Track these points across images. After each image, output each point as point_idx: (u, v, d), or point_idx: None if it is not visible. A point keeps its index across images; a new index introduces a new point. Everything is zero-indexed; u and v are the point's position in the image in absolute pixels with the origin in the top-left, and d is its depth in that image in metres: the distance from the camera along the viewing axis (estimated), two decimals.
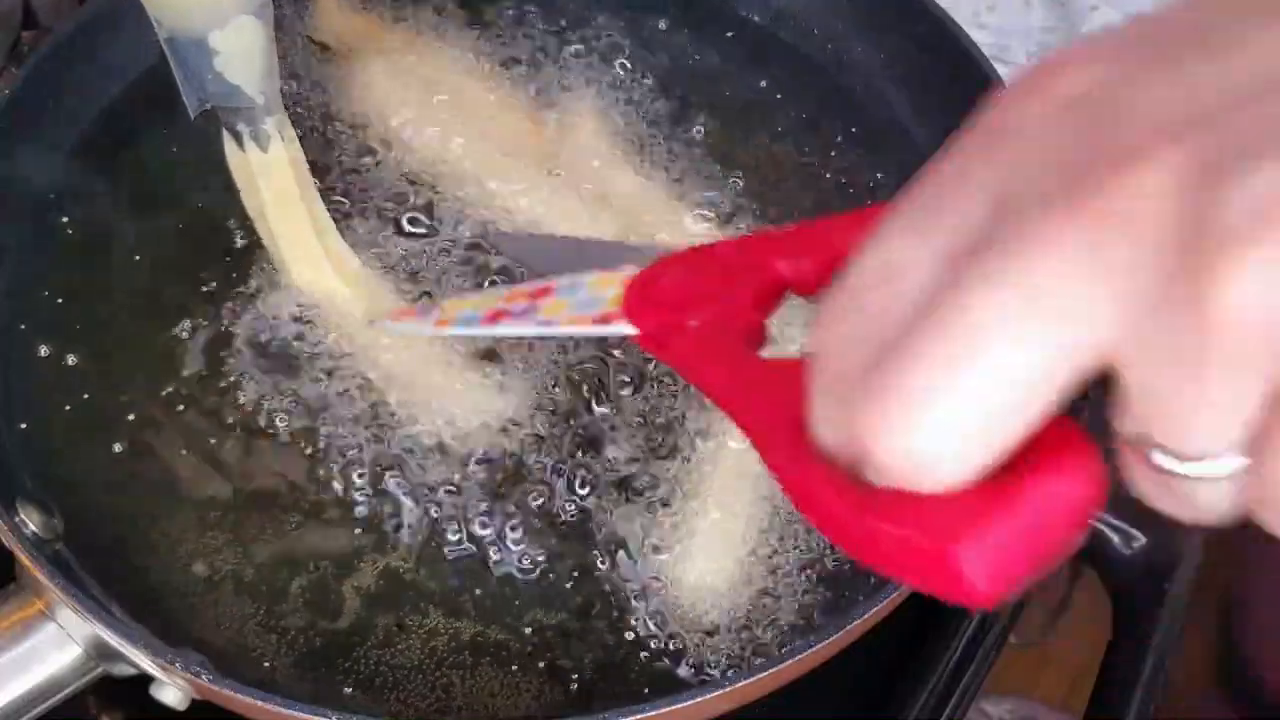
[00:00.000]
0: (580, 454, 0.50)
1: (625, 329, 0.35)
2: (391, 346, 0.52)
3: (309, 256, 0.53)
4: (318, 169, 0.55)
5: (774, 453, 0.27)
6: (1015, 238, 0.22)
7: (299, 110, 0.58)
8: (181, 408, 0.51)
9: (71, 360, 0.52)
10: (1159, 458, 0.22)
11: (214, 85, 0.49)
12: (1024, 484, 0.23)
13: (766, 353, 0.31)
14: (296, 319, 0.52)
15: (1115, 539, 0.55)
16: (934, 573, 0.23)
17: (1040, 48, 0.67)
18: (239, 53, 0.49)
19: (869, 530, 0.24)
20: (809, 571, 0.48)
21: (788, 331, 0.48)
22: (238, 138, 0.51)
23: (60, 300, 0.53)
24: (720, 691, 0.41)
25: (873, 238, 0.24)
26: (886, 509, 0.24)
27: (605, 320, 0.36)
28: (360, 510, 0.49)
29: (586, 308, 0.37)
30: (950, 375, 0.22)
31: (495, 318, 0.41)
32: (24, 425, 0.50)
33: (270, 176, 0.52)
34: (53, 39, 0.55)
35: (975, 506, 0.23)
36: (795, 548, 0.49)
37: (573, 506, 0.49)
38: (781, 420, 0.27)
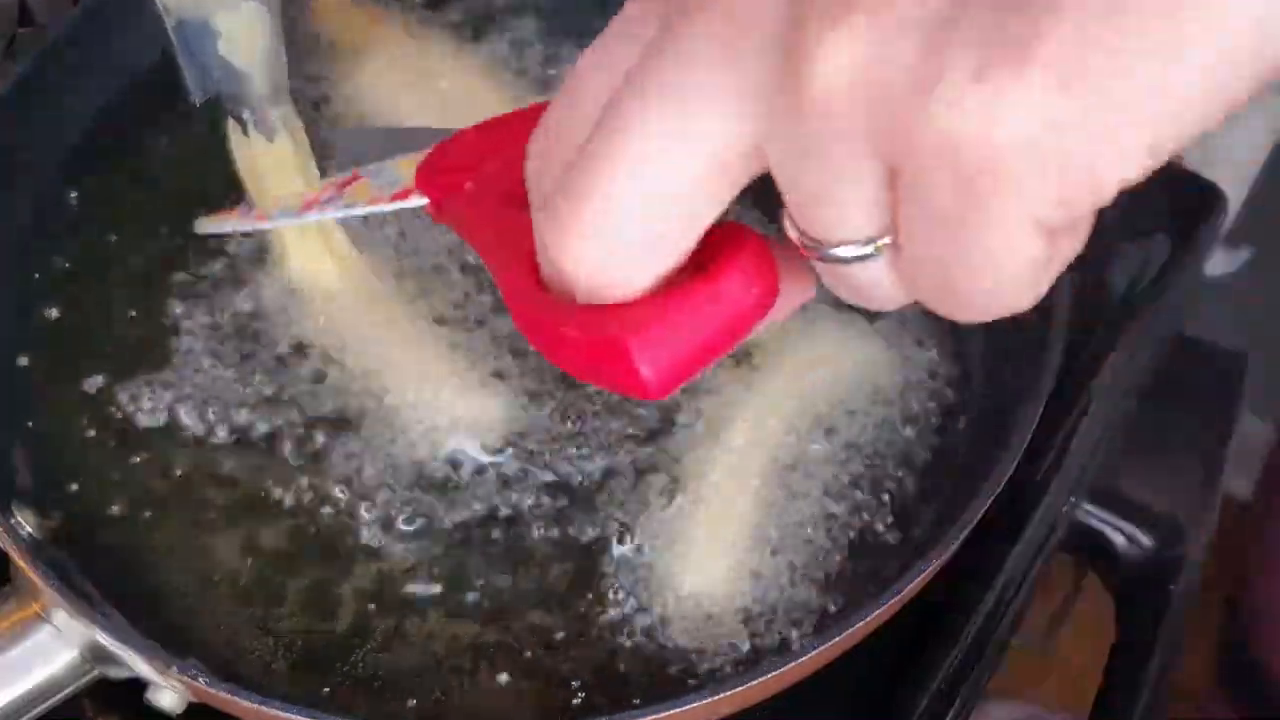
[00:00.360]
0: (576, 456, 0.50)
1: (417, 201, 0.36)
2: (385, 342, 0.52)
3: (308, 250, 0.52)
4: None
5: (509, 287, 0.29)
6: (662, 48, 0.24)
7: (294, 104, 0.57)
8: (179, 409, 0.51)
9: (69, 362, 0.52)
10: (822, 250, 0.24)
11: (219, 71, 0.49)
12: (694, 287, 0.26)
13: None
14: (295, 316, 0.52)
15: (1119, 541, 0.54)
16: (613, 369, 0.26)
17: None
18: (244, 38, 0.49)
19: (567, 340, 0.27)
20: (809, 575, 0.48)
21: None
22: (243, 125, 0.51)
23: (57, 301, 0.53)
24: (720, 695, 0.41)
25: (571, 69, 0.27)
26: (583, 321, 0.26)
27: (401, 196, 0.38)
28: (358, 512, 0.49)
29: (387, 187, 0.38)
30: (610, 184, 0.24)
31: (306, 208, 0.42)
32: (20, 427, 0.50)
33: (274, 167, 0.51)
34: (49, 36, 0.55)
35: (651, 309, 0.25)
36: (795, 551, 0.48)
37: (570, 509, 0.49)
38: (523, 259, 0.28)
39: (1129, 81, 0.21)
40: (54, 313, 0.53)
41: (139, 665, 0.42)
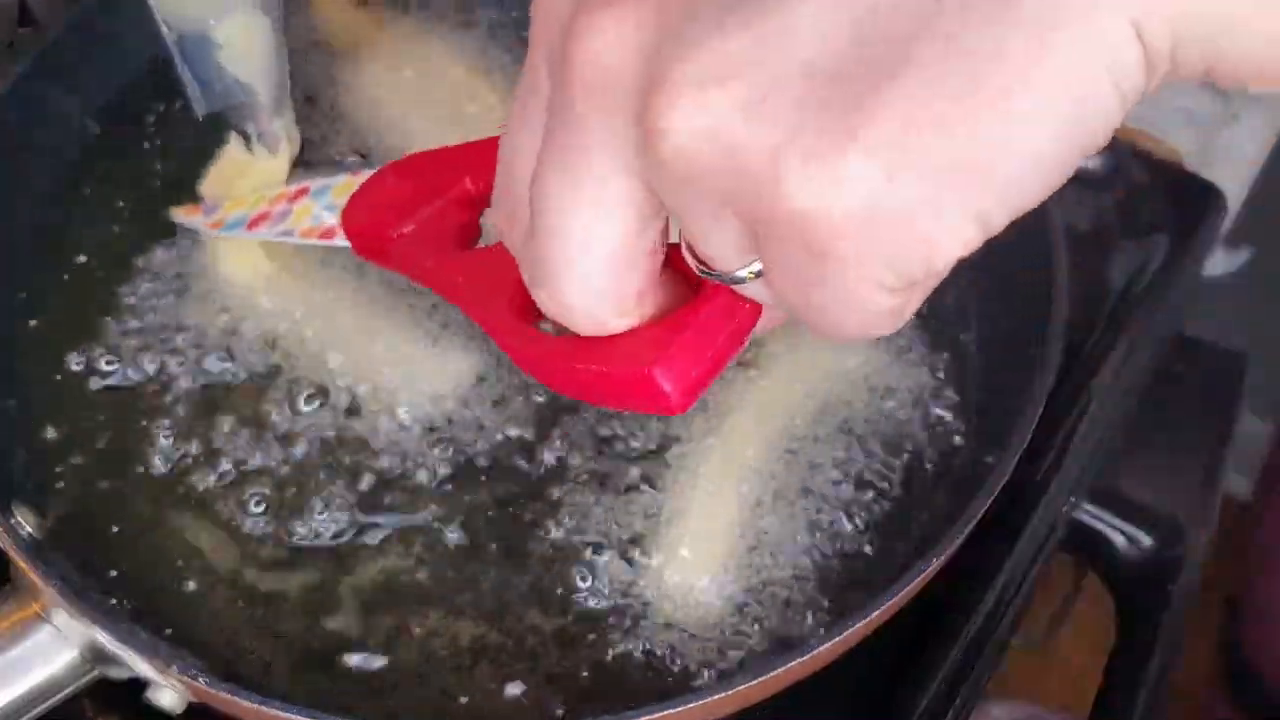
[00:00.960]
0: (575, 455, 0.50)
1: (343, 242, 0.37)
2: (367, 338, 0.52)
3: (253, 259, 0.52)
4: (315, 165, 0.55)
5: (498, 330, 0.31)
6: (554, 124, 0.27)
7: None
8: (177, 408, 0.51)
9: (69, 362, 0.52)
10: (713, 275, 0.27)
11: (220, 84, 0.49)
12: (694, 310, 0.28)
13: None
14: (288, 318, 0.52)
15: (1119, 541, 0.54)
16: (638, 395, 0.28)
17: None
18: (244, 47, 0.49)
19: (579, 373, 0.29)
20: (809, 574, 0.48)
21: None
22: (247, 140, 0.51)
23: (58, 301, 0.53)
24: (721, 695, 0.41)
25: (501, 136, 0.29)
26: (590, 353, 0.28)
27: (330, 234, 0.39)
28: (358, 512, 0.49)
29: (321, 218, 0.39)
30: (564, 257, 0.27)
31: (257, 222, 0.43)
32: (20, 427, 0.50)
33: (269, 179, 0.51)
34: (49, 36, 0.55)
35: (661, 337, 0.28)
36: (795, 551, 0.48)
37: (569, 509, 0.49)
38: (500, 299, 0.31)
39: (955, 164, 0.22)
40: (54, 313, 0.53)
41: (139, 665, 0.42)
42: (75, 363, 0.52)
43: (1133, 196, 0.60)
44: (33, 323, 0.53)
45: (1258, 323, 0.91)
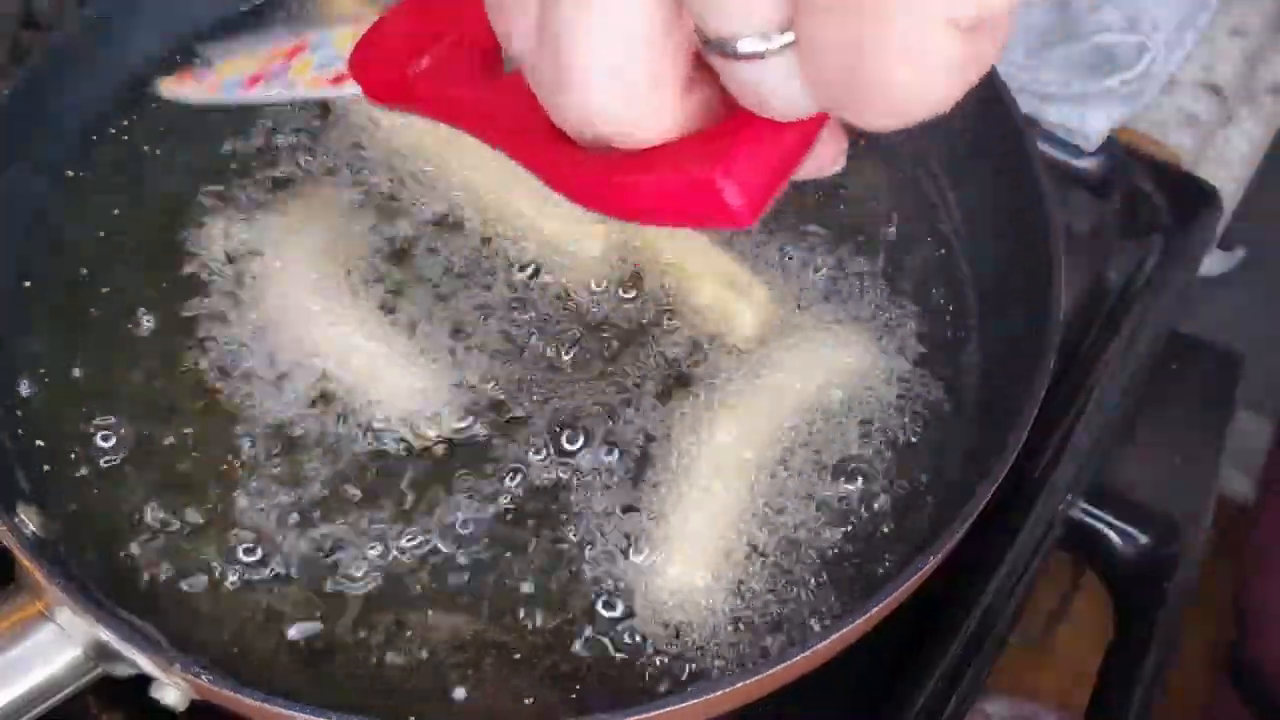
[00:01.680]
0: (575, 457, 0.50)
1: (353, 89, 0.35)
2: (366, 350, 0.52)
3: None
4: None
5: (538, 158, 0.29)
6: None
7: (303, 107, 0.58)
8: (178, 409, 0.51)
9: (69, 363, 0.52)
10: (724, 48, 0.23)
11: None
12: (752, 115, 0.25)
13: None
14: (289, 333, 0.52)
15: (1115, 539, 0.55)
16: (700, 205, 0.25)
17: (1041, 49, 0.67)
18: None
19: (631, 187, 0.26)
20: (810, 573, 0.48)
21: None
22: None
23: (59, 300, 0.53)
24: (721, 691, 0.41)
25: None
26: (642, 164, 0.26)
27: (339, 81, 0.37)
28: (358, 512, 0.49)
29: (327, 66, 0.37)
30: (585, 39, 0.24)
31: (253, 82, 0.41)
32: (24, 426, 0.50)
33: None
34: (53, 39, 0.55)
35: (720, 139, 0.25)
36: (795, 550, 0.48)
37: (569, 510, 0.49)
38: (536, 123, 0.28)
39: None
40: (56, 313, 0.53)
41: (142, 663, 0.42)
42: (78, 362, 0.52)
43: (1130, 197, 0.61)
44: (35, 323, 0.53)
45: (1253, 322, 0.91)
